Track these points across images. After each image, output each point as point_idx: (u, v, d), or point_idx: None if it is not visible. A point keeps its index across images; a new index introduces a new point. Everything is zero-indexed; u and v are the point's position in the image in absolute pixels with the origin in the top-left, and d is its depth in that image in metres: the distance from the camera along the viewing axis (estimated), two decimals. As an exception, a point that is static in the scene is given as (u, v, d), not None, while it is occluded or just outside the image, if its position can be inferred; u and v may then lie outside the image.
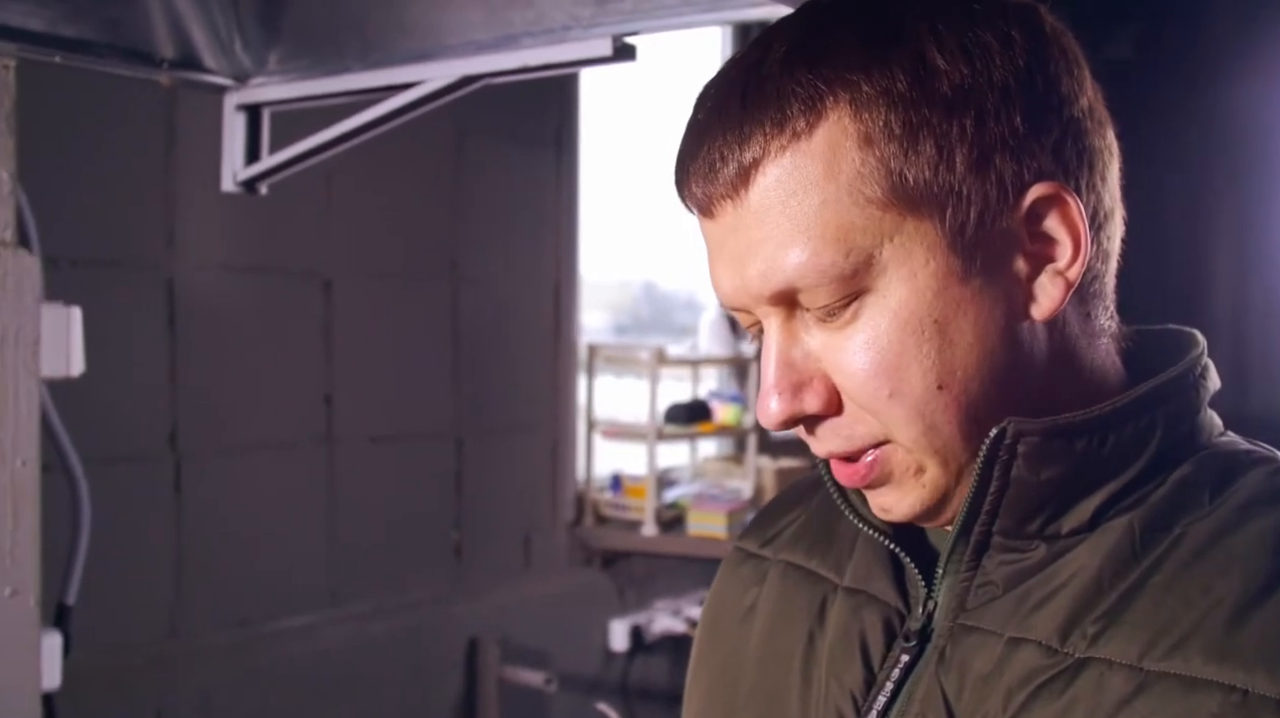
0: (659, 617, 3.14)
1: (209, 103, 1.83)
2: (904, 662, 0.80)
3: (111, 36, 1.54)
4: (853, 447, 0.75)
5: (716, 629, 1.00)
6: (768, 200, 0.71)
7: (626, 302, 3.61)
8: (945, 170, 0.70)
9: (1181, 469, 0.75)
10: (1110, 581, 0.72)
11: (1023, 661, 0.73)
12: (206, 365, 2.19)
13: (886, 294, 0.71)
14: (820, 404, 0.74)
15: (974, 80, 0.70)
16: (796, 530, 0.98)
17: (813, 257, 0.70)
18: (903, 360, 0.71)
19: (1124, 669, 0.68)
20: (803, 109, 0.70)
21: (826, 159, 0.70)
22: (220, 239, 2.20)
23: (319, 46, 1.60)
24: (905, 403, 0.72)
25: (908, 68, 0.70)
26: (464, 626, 2.67)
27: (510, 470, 2.85)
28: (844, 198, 0.70)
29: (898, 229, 0.70)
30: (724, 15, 1.25)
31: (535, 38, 1.39)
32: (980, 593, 0.78)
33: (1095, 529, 0.74)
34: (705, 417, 3.23)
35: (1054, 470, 0.73)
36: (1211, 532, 0.72)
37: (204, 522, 2.17)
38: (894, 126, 0.69)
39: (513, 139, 2.80)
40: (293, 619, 2.33)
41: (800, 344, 0.75)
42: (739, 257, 0.73)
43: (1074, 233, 0.73)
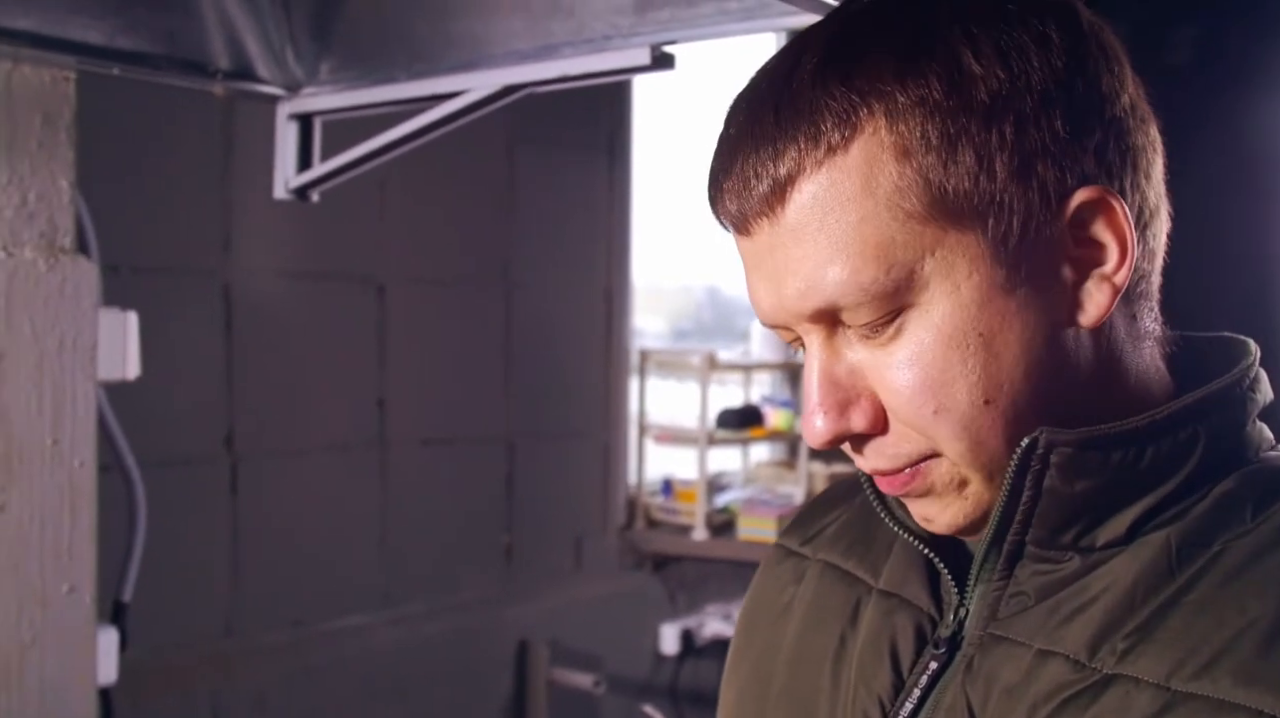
0: (709, 621, 3.14)
1: (263, 112, 1.87)
2: (932, 669, 0.79)
3: (168, 48, 1.58)
4: (898, 464, 0.74)
5: (753, 626, 1.00)
6: (804, 218, 0.70)
7: (689, 307, 3.62)
8: (986, 180, 0.68)
9: (1224, 484, 0.73)
10: (1143, 596, 0.71)
11: (1050, 674, 0.71)
12: (262, 369, 2.23)
13: (929, 309, 0.70)
14: (866, 423, 0.73)
15: (1012, 85, 0.69)
16: (837, 530, 0.98)
17: (853, 274, 0.69)
18: (948, 376, 0.70)
19: (1151, 688, 0.67)
20: (837, 123, 0.68)
21: (863, 173, 0.68)
22: (276, 245, 2.25)
23: (368, 57, 1.63)
24: (951, 419, 0.71)
25: (943, 75, 0.68)
26: (514, 627, 2.69)
27: (561, 474, 2.87)
28: (883, 213, 0.69)
29: (939, 242, 0.69)
30: (759, 24, 1.26)
31: (576, 47, 1.41)
32: (1013, 603, 0.76)
33: (1131, 543, 0.73)
34: (757, 422, 3.23)
35: (1088, 482, 0.71)
36: (1251, 551, 0.70)
37: (259, 523, 2.22)
38: (931, 137, 0.68)
39: (564, 146, 2.82)
40: (346, 620, 2.36)
41: (844, 361, 0.74)
42: (777, 275, 0.72)
43: (1120, 237, 0.71)
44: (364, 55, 1.64)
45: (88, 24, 1.49)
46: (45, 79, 1.53)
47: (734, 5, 1.23)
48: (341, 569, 2.37)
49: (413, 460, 2.49)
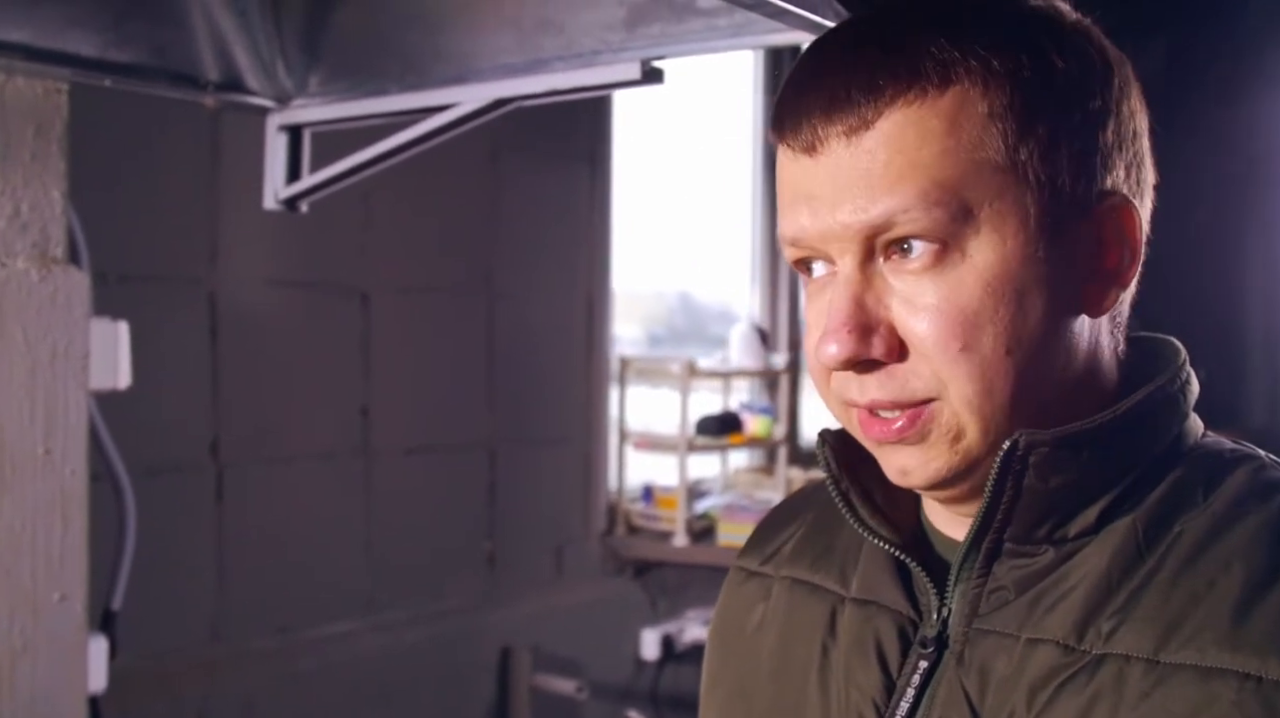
0: (690, 626, 3.17)
1: (251, 123, 1.88)
2: (923, 668, 0.83)
3: (160, 61, 1.60)
4: (903, 397, 0.77)
5: (726, 647, 1.03)
6: (886, 141, 0.74)
7: (662, 312, 3.64)
8: (1052, 157, 0.75)
9: (1176, 471, 0.79)
10: (1119, 579, 0.76)
11: (1042, 659, 0.76)
12: (247, 378, 2.24)
13: (974, 255, 0.75)
14: (884, 349, 0.76)
15: (1082, 86, 0.77)
16: (795, 546, 1.01)
17: (921, 196, 0.74)
18: (980, 319, 0.75)
19: (1142, 663, 0.72)
20: (937, 69, 0.74)
21: (951, 119, 0.74)
22: (262, 255, 2.26)
23: (358, 70, 1.65)
24: (973, 360, 0.75)
25: (1033, 58, 0.76)
26: (497, 634, 2.71)
27: (543, 481, 2.89)
28: (962, 153, 0.74)
29: (999, 195, 0.75)
30: (747, 41, 1.28)
31: (566, 62, 1.43)
32: (993, 598, 0.81)
33: (1100, 531, 0.78)
34: (736, 428, 3.26)
35: (1062, 478, 0.77)
36: (1209, 528, 0.76)
37: (245, 530, 2.23)
38: (1016, 105, 0.75)
39: (547, 156, 2.85)
40: (331, 626, 2.38)
41: (874, 290, 0.77)
42: (837, 189, 0.76)
43: (1134, 243, 0.79)
44: (354, 68, 1.66)
45: (82, 37, 1.51)
46: (38, 91, 1.54)
47: (723, 22, 1.25)
48: (326, 576, 2.39)
49: (397, 468, 2.51)
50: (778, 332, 3.74)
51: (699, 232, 3.41)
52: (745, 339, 3.31)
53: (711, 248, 3.57)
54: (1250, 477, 0.79)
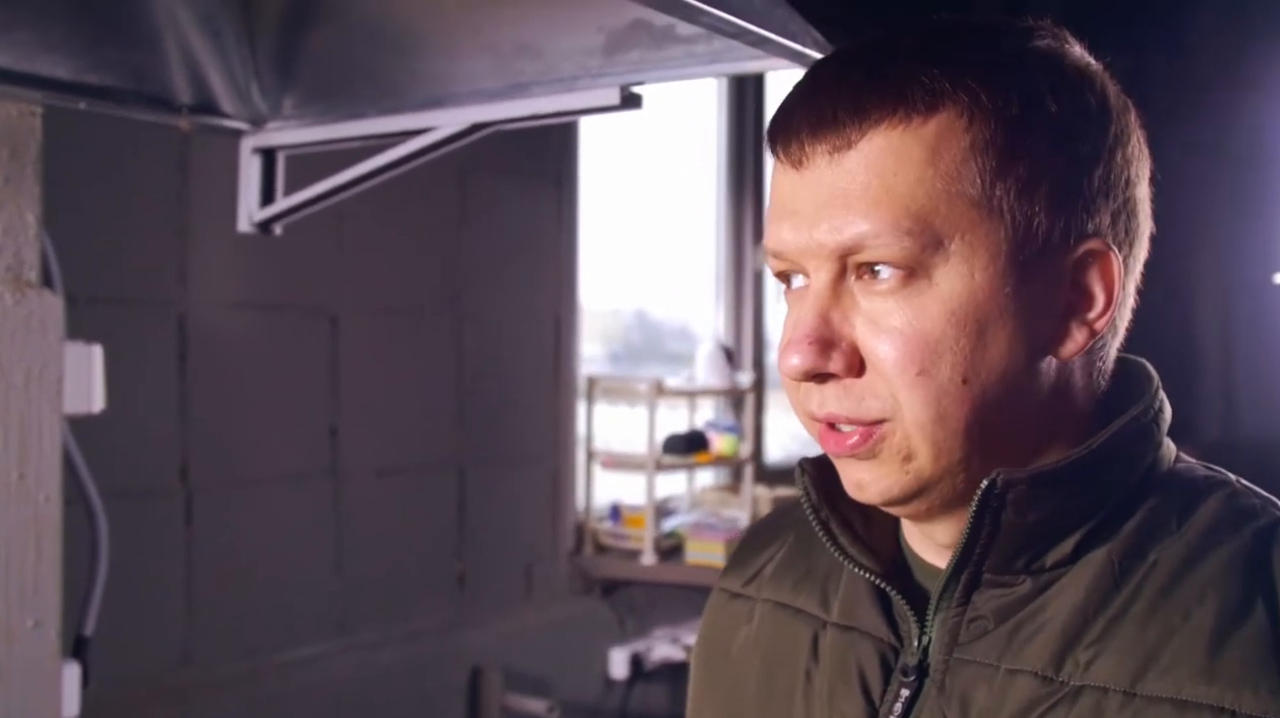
0: (658, 645, 3.18)
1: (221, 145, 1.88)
2: (905, 696, 0.84)
3: (135, 83, 1.60)
4: (857, 414, 0.78)
5: (711, 670, 1.04)
6: (865, 163, 0.76)
7: (618, 330, 3.65)
8: (1028, 196, 0.76)
9: (1150, 500, 0.80)
10: (1095, 610, 0.78)
11: (1021, 690, 0.78)
12: (217, 401, 2.23)
13: (941, 283, 0.76)
14: (843, 366, 0.78)
15: (1072, 131, 0.78)
16: (776, 568, 1.02)
17: (894, 222, 0.75)
18: (940, 347, 0.76)
19: (1119, 695, 0.74)
20: (924, 97, 0.76)
21: (932, 148, 0.76)
22: (230, 277, 2.25)
23: (333, 93, 1.65)
24: (929, 386, 0.76)
25: (1022, 97, 0.77)
26: (467, 654, 2.70)
27: (512, 501, 2.89)
28: (938, 184, 0.76)
29: (972, 228, 0.76)
30: (726, 68, 1.30)
31: (544, 86, 1.44)
32: (972, 628, 0.82)
33: (1077, 562, 0.80)
34: (703, 447, 3.27)
35: (1039, 513, 0.78)
36: (1183, 557, 0.77)
37: (215, 554, 2.21)
38: (998, 143, 0.76)
39: (515, 176, 2.86)
40: (302, 650, 2.36)
41: (841, 308, 0.79)
42: (817, 207, 0.78)
43: (1109, 289, 0.80)
44: (329, 91, 1.66)
45: (57, 61, 1.50)
46: (13, 114, 1.53)
47: (701, 49, 1.27)
48: (296, 599, 2.37)
49: (366, 490, 2.50)
50: (742, 350, 3.77)
51: (656, 250, 3.42)
52: (711, 358, 3.33)
53: (668, 266, 3.59)
54: (1223, 504, 0.81)
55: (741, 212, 3.81)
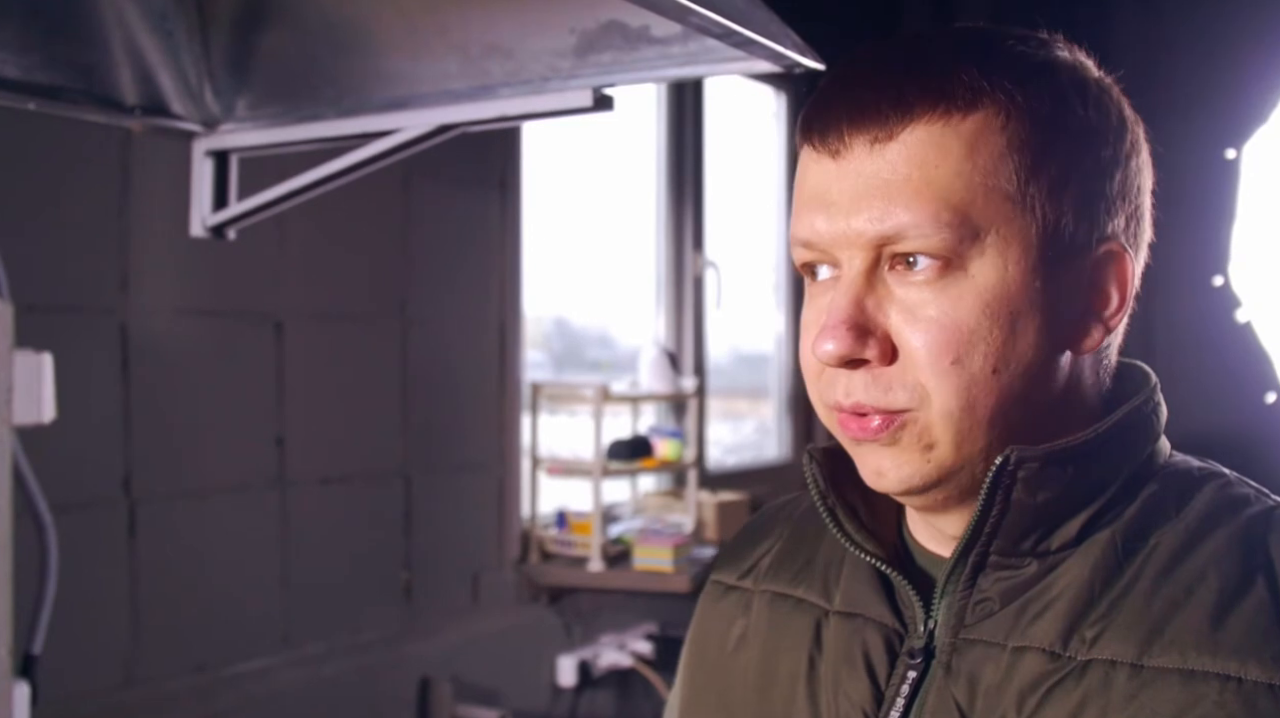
0: (605, 652, 3.16)
1: (165, 147, 1.83)
2: (911, 678, 0.86)
3: (85, 84, 1.56)
4: (884, 403, 0.80)
5: (706, 663, 1.05)
6: (907, 155, 0.78)
7: (538, 337, 3.64)
8: (1057, 196, 0.79)
9: (1149, 488, 0.84)
10: (1101, 588, 0.80)
11: (1029, 667, 0.80)
12: (160, 410, 2.18)
13: (976, 275, 0.78)
14: (876, 353, 0.79)
15: (1098, 136, 0.81)
16: (773, 561, 1.04)
17: (933, 214, 0.77)
18: (974, 336, 0.78)
19: (1126, 667, 0.76)
20: (964, 94, 0.78)
21: (970, 143, 0.78)
22: (174, 283, 2.20)
23: (291, 94, 1.62)
24: (961, 375, 0.78)
25: (1054, 100, 0.80)
26: (416, 665, 2.67)
27: (458, 509, 2.86)
28: (976, 178, 0.77)
29: (1007, 222, 0.78)
30: (701, 70, 1.30)
31: (513, 88, 1.43)
32: (978, 609, 0.85)
33: (1081, 544, 0.82)
34: (647, 452, 3.27)
35: (1048, 493, 0.81)
36: (1183, 541, 0.80)
37: (159, 567, 2.16)
38: (1032, 143, 0.78)
39: (459, 181, 2.83)
40: (248, 663, 2.31)
41: (875, 296, 0.80)
42: (855, 196, 0.79)
43: (1124, 290, 0.83)
44: (286, 92, 1.63)
45: (5, 59, 1.46)
46: (-42, 115, 1.48)
47: (677, 50, 1.27)
48: (243, 612, 2.32)
49: (312, 499, 2.46)
50: (684, 355, 3.77)
51: (590, 256, 3.40)
52: (655, 363, 3.33)
53: (596, 273, 3.57)
54: (1217, 492, 0.85)
55: (682, 217, 3.82)
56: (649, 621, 3.35)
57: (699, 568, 3.13)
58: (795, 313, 4.30)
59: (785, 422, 4.36)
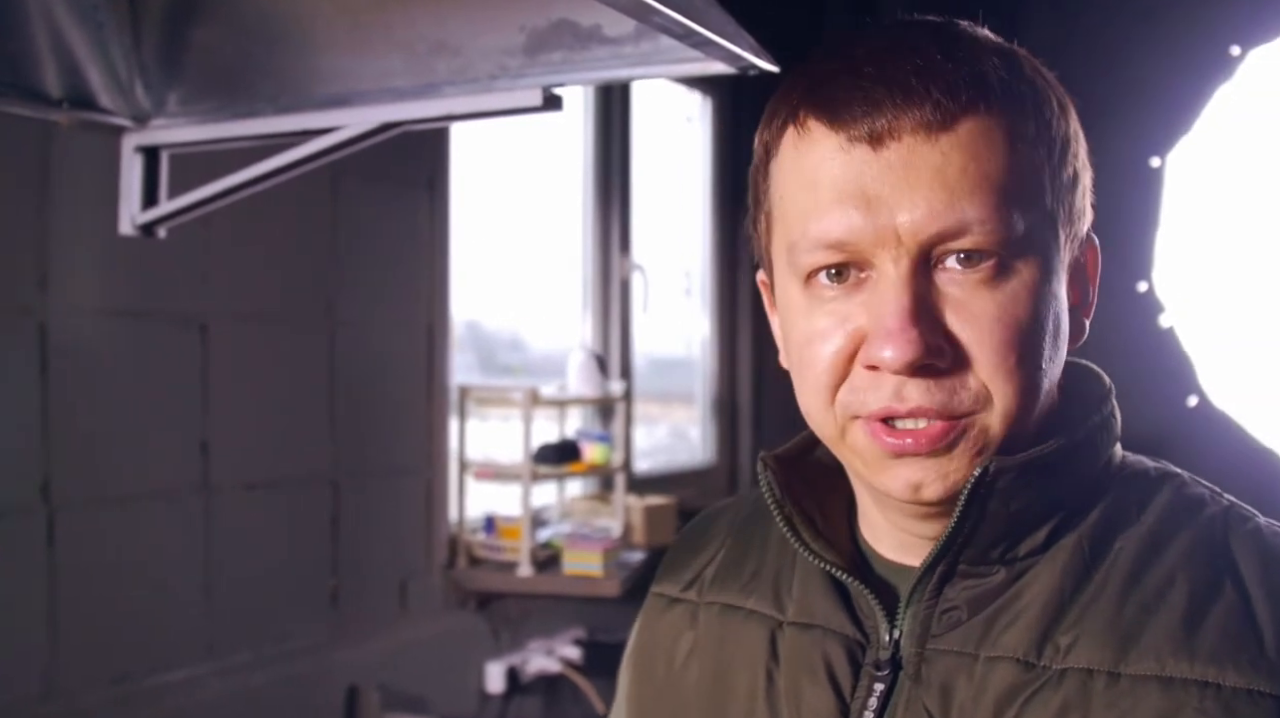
0: (533, 657, 3.14)
1: (88, 141, 1.77)
2: (879, 690, 0.85)
3: (9, 75, 1.50)
4: (949, 407, 0.76)
5: (652, 677, 1.02)
6: (962, 145, 0.75)
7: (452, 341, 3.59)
8: (1069, 197, 0.81)
9: (1111, 491, 0.84)
10: (1071, 595, 0.80)
11: (1002, 676, 0.79)
12: (81, 414, 2.11)
13: (1023, 272, 0.77)
14: (948, 355, 0.76)
15: (1076, 139, 0.83)
16: (718, 571, 1.01)
17: (995, 208, 0.75)
18: (1031, 336, 0.77)
19: (1104, 675, 0.76)
20: (999, 84, 0.77)
21: (1010, 134, 0.76)
22: (95, 282, 2.14)
23: (225, 90, 1.58)
24: (1024, 373, 0.77)
25: (1047, 101, 0.80)
26: (343, 673, 2.62)
27: (386, 515, 2.82)
28: (1023, 171, 0.77)
29: (1042, 219, 0.78)
30: (655, 71, 1.29)
31: (459, 86, 1.41)
32: (945, 619, 0.83)
33: (1048, 550, 0.82)
34: (575, 457, 3.25)
35: (1021, 502, 0.80)
36: (1147, 544, 0.81)
37: (79, 576, 2.09)
38: (1050, 143, 0.79)
39: (387, 181, 2.79)
40: (171, 674, 2.25)
41: (936, 290, 0.76)
42: (905, 189, 0.74)
43: (1096, 282, 0.86)
44: (221, 88, 1.59)
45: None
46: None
47: (629, 50, 1.26)
48: (166, 621, 2.26)
49: (238, 505, 2.40)
50: (610, 359, 3.76)
51: (485, 260, 3.35)
52: (583, 367, 3.31)
53: (499, 277, 3.53)
54: (1175, 494, 0.85)
55: (608, 220, 3.81)
56: (577, 626, 3.33)
57: (628, 572, 3.12)
58: (721, 316, 4.31)
59: (709, 426, 4.36)
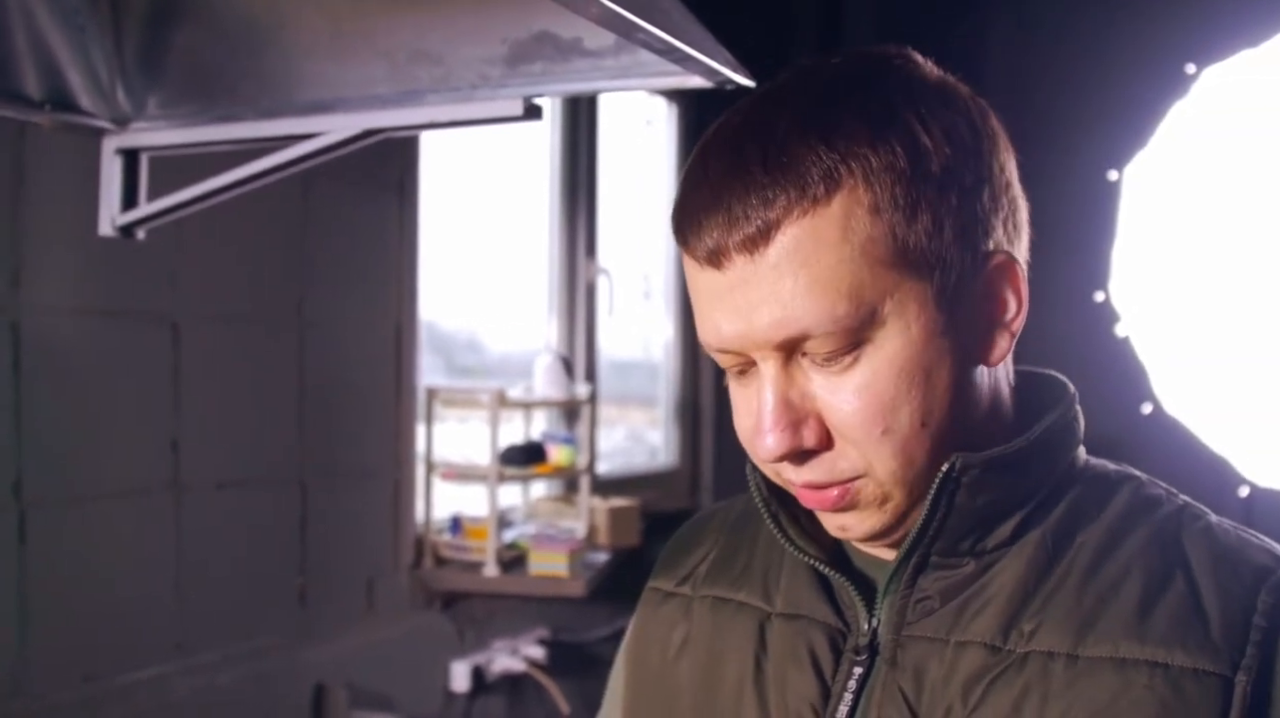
0: (498, 657, 3.16)
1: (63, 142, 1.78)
2: (858, 673, 0.91)
3: (-5, 77, 1.51)
4: (833, 478, 0.85)
5: (648, 667, 1.07)
6: (786, 257, 0.79)
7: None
8: (937, 240, 0.81)
9: (1073, 490, 0.90)
10: (1034, 585, 0.86)
11: (971, 660, 0.85)
12: (52, 412, 2.12)
13: (883, 345, 0.81)
14: (815, 440, 0.84)
15: (955, 162, 0.82)
16: (711, 567, 1.07)
17: (829, 308, 0.79)
18: (896, 403, 0.82)
19: (1064, 658, 0.81)
20: (822, 178, 0.78)
21: (842, 224, 0.79)
22: (68, 282, 2.15)
23: (206, 93, 1.60)
24: (894, 440, 0.82)
25: (906, 147, 0.80)
26: (310, 671, 2.64)
27: (354, 514, 2.84)
28: (857, 257, 0.79)
29: (897, 287, 0.80)
30: (634, 83, 1.33)
31: (440, 95, 1.43)
32: (919, 607, 0.90)
33: (1014, 544, 0.88)
34: (541, 458, 3.28)
35: (987, 497, 0.86)
36: (1106, 540, 0.86)
37: (49, 575, 2.10)
38: (899, 198, 0.79)
39: (358, 183, 2.81)
40: (140, 672, 2.26)
41: (797, 386, 0.84)
42: (750, 305, 0.81)
43: (1019, 294, 0.87)
44: (202, 91, 1.61)
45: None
46: None
47: (609, 63, 1.29)
48: (135, 620, 2.27)
49: (208, 504, 2.42)
50: (576, 362, 3.79)
51: (443, 262, 3.37)
52: (549, 370, 3.34)
53: (455, 278, 3.54)
54: (1133, 494, 0.91)
55: (574, 224, 3.84)
56: (541, 626, 3.37)
57: (593, 573, 3.15)
58: (685, 320, 4.35)
59: (672, 429, 4.40)
